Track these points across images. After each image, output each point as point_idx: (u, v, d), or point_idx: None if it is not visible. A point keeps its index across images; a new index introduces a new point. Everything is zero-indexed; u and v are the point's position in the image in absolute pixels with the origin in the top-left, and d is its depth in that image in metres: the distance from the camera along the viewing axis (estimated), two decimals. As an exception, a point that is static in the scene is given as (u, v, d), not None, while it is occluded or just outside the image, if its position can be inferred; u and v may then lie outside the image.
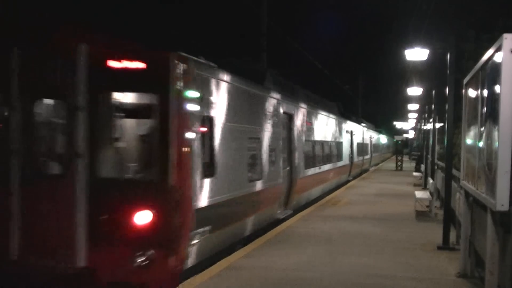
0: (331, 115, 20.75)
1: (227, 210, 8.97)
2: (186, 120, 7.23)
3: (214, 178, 8.32)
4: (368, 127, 38.04)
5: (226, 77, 9.03)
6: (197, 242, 7.57)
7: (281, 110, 12.90)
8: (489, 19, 16.92)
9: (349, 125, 26.08)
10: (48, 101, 7.53)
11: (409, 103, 34.98)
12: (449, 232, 10.40)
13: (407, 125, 57.70)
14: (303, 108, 15.38)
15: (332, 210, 15.59)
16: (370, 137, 38.38)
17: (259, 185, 10.87)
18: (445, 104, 11.91)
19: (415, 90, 25.63)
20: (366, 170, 35.57)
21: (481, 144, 6.28)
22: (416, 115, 40.65)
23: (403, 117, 54.87)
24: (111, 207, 6.88)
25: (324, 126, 19.00)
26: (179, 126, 7.01)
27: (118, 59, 6.91)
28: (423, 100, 28.58)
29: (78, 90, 7.00)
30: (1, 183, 7.09)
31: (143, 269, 6.73)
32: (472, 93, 7.36)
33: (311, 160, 16.33)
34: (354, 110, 41.52)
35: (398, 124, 66.15)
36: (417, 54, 14.55)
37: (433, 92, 20.78)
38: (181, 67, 7.12)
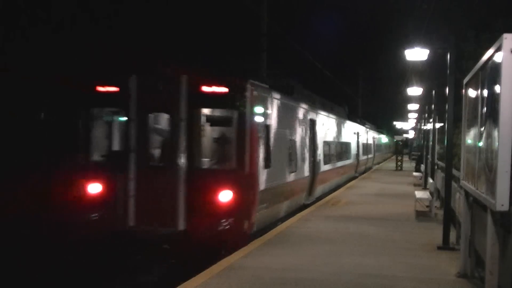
0: (341, 119, 23.66)
1: (275, 193, 11.90)
2: (255, 128, 10.18)
3: (269, 169, 11.29)
4: (371, 128, 40.67)
5: (275, 95, 12.00)
6: (258, 215, 10.48)
7: (307, 117, 15.76)
8: (489, 19, 16.93)
9: (355, 127, 28.96)
10: (157, 114, 10.43)
11: (409, 103, 34.99)
12: (449, 232, 10.41)
13: (407, 125, 57.72)
14: (321, 114, 18.13)
15: (332, 210, 15.60)
16: (373, 138, 41.21)
17: (295, 176, 13.91)
18: (445, 104, 11.91)
19: (415, 90, 25.63)
20: (369, 168, 38.05)
21: (481, 144, 6.29)
22: (416, 115, 40.66)
23: (403, 117, 54.89)
24: (203, 188, 9.62)
25: (337, 128, 21.78)
26: (251, 132, 9.93)
27: (209, 85, 9.73)
28: (423, 100, 28.60)
29: (180, 107, 9.86)
30: (123, 172, 9.85)
31: (224, 232, 9.45)
32: (472, 93, 7.36)
33: (327, 158, 19.18)
34: (354, 110, 41.66)
35: (398, 124, 66.19)
36: (417, 54, 14.56)
37: (433, 92, 20.79)
38: (252, 91, 10.02)
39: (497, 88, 5.43)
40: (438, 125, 20.31)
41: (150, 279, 9.08)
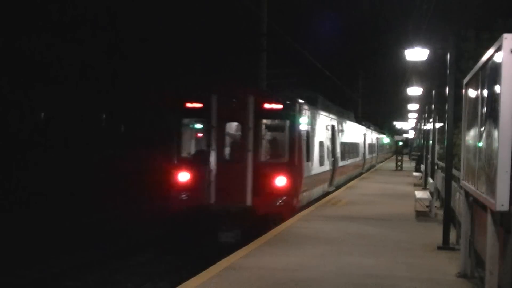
0: (352, 123, 28.16)
1: (311, 181, 15.90)
2: (300, 133, 13.98)
3: (308, 162, 15.29)
4: (374, 130, 44.42)
5: (310, 108, 16.00)
6: (301, 195, 14.44)
7: (329, 122, 19.55)
8: (489, 19, 16.92)
9: (362, 129, 33.00)
10: (231, 123, 14.22)
11: (409, 103, 34.99)
12: (449, 232, 10.41)
13: (407, 125, 57.72)
14: (338, 120, 21.98)
15: (332, 210, 15.60)
16: (377, 139, 45.07)
17: (322, 169, 17.91)
18: (445, 104, 11.92)
19: (415, 90, 25.64)
20: (373, 166, 41.50)
21: (481, 144, 6.29)
22: (416, 115, 40.67)
23: (403, 117, 54.88)
24: (264, 176, 13.17)
25: (348, 131, 25.38)
26: (298, 136, 13.80)
27: (269, 103, 13.46)
28: (423, 100, 28.60)
29: (249, 118, 13.46)
30: (207, 165, 13.40)
31: (280, 207, 13.12)
32: (472, 93, 7.36)
33: (343, 156, 22.93)
34: (354, 110, 41.86)
35: (398, 124, 66.19)
36: (417, 54, 14.57)
37: (433, 92, 20.79)
38: (298, 107, 14.02)
39: (497, 88, 5.42)
40: (438, 125, 20.32)
41: (229, 239, 12.72)
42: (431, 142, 22.01)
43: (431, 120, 21.73)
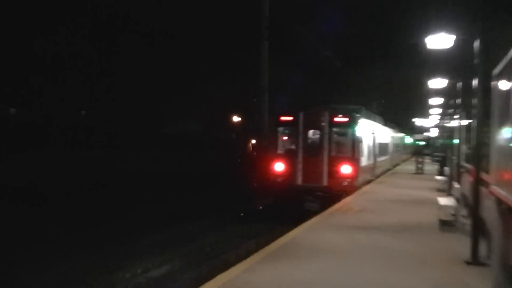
0: (382, 126, 36.50)
1: (363, 170, 24.12)
2: (358, 137, 22.50)
3: (361, 157, 23.50)
4: (398, 131, 53.94)
5: (362, 118, 24.31)
6: (358, 179, 23.10)
7: (370, 128, 27.54)
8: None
9: (389, 131, 41.82)
10: (313, 131, 22.24)
11: (431, 97, 34.84)
12: (478, 245, 10.33)
13: (429, 122, 57.52)
14: (375, 124, 30.87)
15: (342, 219, 15.55)
16: (400, 139, 55.15)
17: (368, 162, 26.50)
18: (472, 98, 11.82)
19: (438, 82, 25.50)
20: (397, 164, 49.06)
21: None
22: (439, 110, 40.55)
23: (424, 113, 54.73)
24: (335, 165, 21.48)
25: (381, 133, 33.97)
26: (356, 139, 22.33)
27: (338, 117, 22.13)
28: (447, 94, 28.49)
29: (325, 127, 21.91)
30: (296, 159, 21.88)
31: (345, 186, 21.56)
32: (503, 85, 7.27)
33: (379, 153, 31.78)
34: (367, 105, 42.20)
35: (418, 121, 65.99)
36: (440, 41, 14.45)
37: (459, 84, 20.69)
38: (358, 118, 23.08)
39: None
40: (464, 122, 20.22)
41: (312, 208, 20.39)
42: (456, 141, 21.93)
43: (456, 116, 21.64)
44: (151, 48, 40.53)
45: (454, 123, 23.69)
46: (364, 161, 24.63)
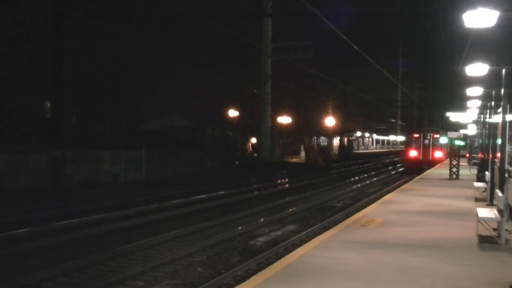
0: (440, 134, 66.91)
1: (442, 154, 73.06)
2: (442, 143, 69.95)
3: (442, 150, 74.51)
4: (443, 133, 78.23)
5: (441, 134, 70.64)
6: (442, 158, 71.26)
7: (441, 137, 67.62)
8: None
9: (444, 137, 67.90)
10: (426, 139, 66.37)
11: (469, 86, 34.82)
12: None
13: (466, 117, 57.65)
14: (441, 133, 67.86)
15: (361, 234, 15.54)
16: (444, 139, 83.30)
17: (443, 152, 73.78)
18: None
19: (477, 68, 25.46)
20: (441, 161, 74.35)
21: None
22: (478, 103, 40.55)
23: (460, 107, 54.86)
24: (434, 152, 66.81)
25: (441, 139, 66.69)
26: (442, 144, 69.54)
27: (435, 135, 66.99)
28: (489, 83, 28.47)
29: (430, 138, 66.10)
30: (420, 149, 66.00)
31: (438, 160, 67.51)
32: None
33: (445, 148, 69.53)
34: (393, 96, 42.83)
35: (453, 116, 66.27)
36: (481, 18, 14.42)
37: (503, 71, 20.66)
38: (441, 134, 69.08)
39: None
40: (510, 117, 20.20)
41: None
42: (500, 140, 21.89)
43: (499, 110, 21.59)
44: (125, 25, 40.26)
45: (497, 118, 23.64)
46: (442, 152, 64.88)
